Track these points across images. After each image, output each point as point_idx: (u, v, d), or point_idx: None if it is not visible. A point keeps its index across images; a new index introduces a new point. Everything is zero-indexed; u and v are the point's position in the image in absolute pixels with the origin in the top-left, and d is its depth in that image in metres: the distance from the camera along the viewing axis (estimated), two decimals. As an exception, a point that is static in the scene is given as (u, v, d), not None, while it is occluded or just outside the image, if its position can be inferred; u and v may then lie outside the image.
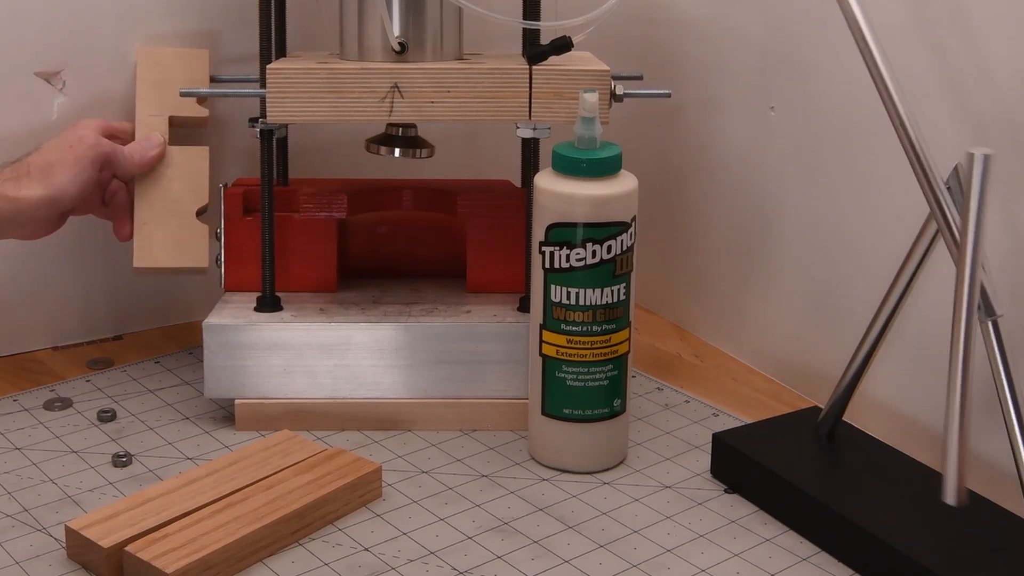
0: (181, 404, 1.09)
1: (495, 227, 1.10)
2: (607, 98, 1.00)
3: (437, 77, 1.01)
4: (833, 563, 0.87)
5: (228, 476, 0.92)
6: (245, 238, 1.08)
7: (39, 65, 1.14)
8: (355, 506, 0.93)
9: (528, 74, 1.01)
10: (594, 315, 0.95)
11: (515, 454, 1.02)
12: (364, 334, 1.04)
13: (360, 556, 0.87)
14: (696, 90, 1.22)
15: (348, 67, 1.02)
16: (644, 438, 1.04)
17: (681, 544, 0.89)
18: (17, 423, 1.05)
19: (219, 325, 1.04)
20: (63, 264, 1.20)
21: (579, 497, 0.95)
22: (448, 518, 0.92)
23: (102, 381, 1.13)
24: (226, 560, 0.84)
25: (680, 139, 1.26)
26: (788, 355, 1.17)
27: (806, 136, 1.12)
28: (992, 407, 0.87)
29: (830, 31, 1.07)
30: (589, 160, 0.94)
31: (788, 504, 0.91)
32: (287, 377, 1.04)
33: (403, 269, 1.16)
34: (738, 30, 1.18)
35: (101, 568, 0.83)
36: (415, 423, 1.05)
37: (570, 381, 0.97)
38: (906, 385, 1.05)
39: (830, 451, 0.96)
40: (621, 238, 0.95)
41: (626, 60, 1.11)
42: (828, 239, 1.11)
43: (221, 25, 1.20)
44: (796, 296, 1.16)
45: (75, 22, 1.15)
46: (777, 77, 1.14)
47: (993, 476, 0.95)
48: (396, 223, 1.16)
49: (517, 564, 0.87)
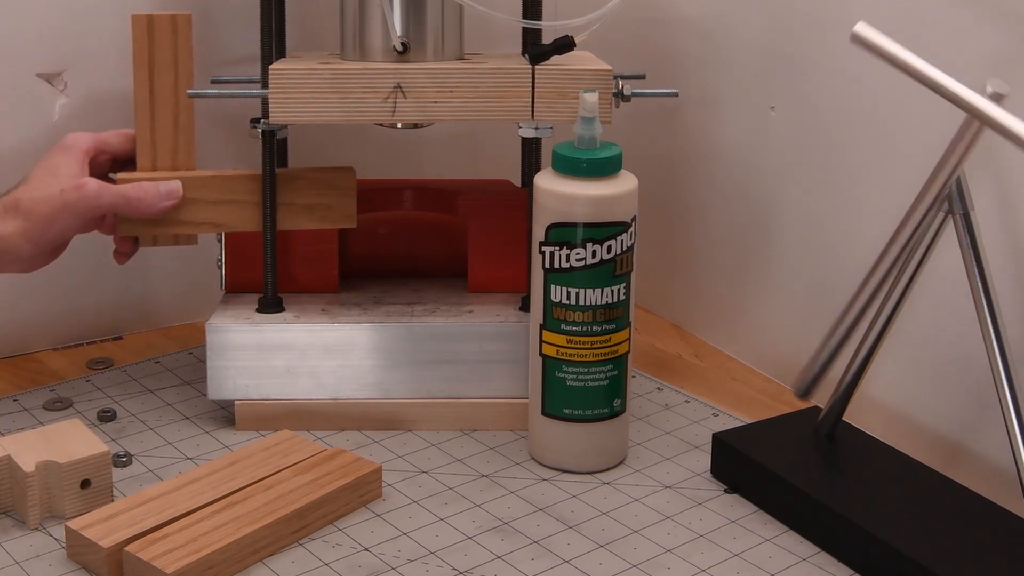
0: (181, 404, 1.09)
1: (496, 227, 1.10)
2: (608, 98, 1.00)
3: (440, 77, 1.01)
4: (833, 563, 0.87)
5: (228, 476, 0.92)
6: (246, 239, 1.08)
7: (41, 66, 1.14)
8: (355, 506, 0.93)
9: (531, 74, 1.01)
10: (594, 315, 0.95)
11: (515, 454, 1.02)
12: (366, 334, 1.04)
13: (360, 556, 0.87)
14: (696, 90, 1.22)
15: (351, 67, 1.02)
16: (644, 438, 1.04)
17: (681, 544, 0.89)
18: (17, 423, 1.05)
19: (222, 326, 1.04)
20: (63, 264, 1.20)
21: (579, 497, 0.95)
22: (448, 518, 0.92)
23: (102, 381, 1.13)
24: (226, 560, 0.84)
25: (680, 139, 1.26)
26: (788, 355, 1.17)
27: (806, 136, 1.12)
28: (992, 407, 0.87)
29: (830, 31, 1.07)
30: (589, 160, 0.94)
31: (788, 504, 0.91)
32: (290, 378, 1.04)
33: (404, 269, 1.16)
34: (738, 30, 1.18)
35: (101, 568, 0.83)
36: (415, 423, 1.05)
37: (570, 381, 0.97)
38: (906, 385, 1.05)
39: (830, 451, 0.96)
40: (621, 238, 0.95)
41: (626, 60, 1.11)
42: (828, 239, 1.11)
43: (221, 25, 1.20)
44: (796, 296, 1.16)
45: (77, 23, 1.15)
46: (777, 77, 1.14)
47: (993, 476, 0.95)
48: (397, 223, 1.16)
49: (517, 564, 0.87)
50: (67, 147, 1.03)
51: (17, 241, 1.00)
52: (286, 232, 1.08)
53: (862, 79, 1.05)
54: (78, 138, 1.03)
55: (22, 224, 0.99)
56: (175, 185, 1.03)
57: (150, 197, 1.02)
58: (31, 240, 1.00)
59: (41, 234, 1.00)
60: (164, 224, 1.04)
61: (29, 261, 1.02)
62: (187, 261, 1.24)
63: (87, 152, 1.03)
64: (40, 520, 0.90)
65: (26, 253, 1.01)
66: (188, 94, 1.04)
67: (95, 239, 1.19)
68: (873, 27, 0.83)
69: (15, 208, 1.00)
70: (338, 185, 1.07)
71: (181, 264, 1.25)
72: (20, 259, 1.01)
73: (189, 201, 1.04)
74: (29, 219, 0.99)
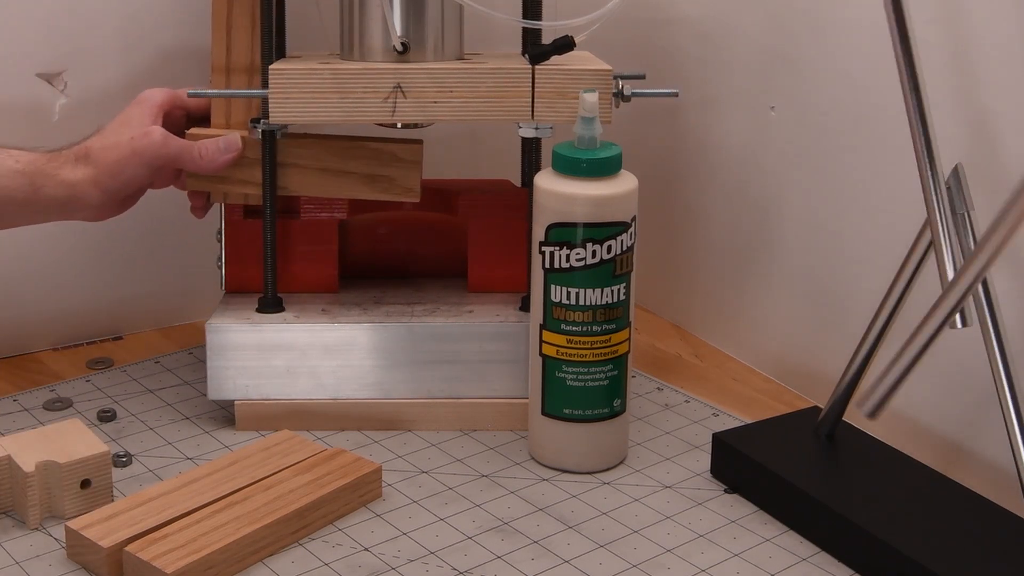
0: (181, 404, 1.09)
1: (496, 227, 1.10)
2: (608, 98, 1.00)
3: (440, 77, 1.01)
4: (833, 563, 0.87)
5: (228, 476, 0.92)
6: (246, 239, 1.08)
7: (41, 66, 1.14)
8: (355, 506, 0.93)
9: (531, 74, 1.01)
10: (594, 315, 0.95)
11: (515, 454, 1.02)
12: (366, 334, 1.04)
13: (360, 556, 0.87)
14: (696, 90, 1.22)
15: (351, 67, 1.02)
16: (644, 438, 1.04)
17: (681, 544, 0.89)
18: (17, 423, 1.05)
19: (222, 326, 1.04)
20: (64, 264, 1.20)
21: (579, 497, 0.95)
22: (448, 518, 0.92)
23: (102, 381, 1.13)
24: (226, 560, 0.84)
25: (680, 139, 1.26)
26: (788, 355, 1.17)
27: (806, 136, 1.12)
28: (992, 407, 0.87)
29: (830, 31, 1.07)
30: (589, 160, 0.94)
31: (788, 504, 0.91)
32: (290, 378, 1.04)
33: (404, 269, 1.16)
34: (738, 30, 1.18)
35: (101, 568, 0.83)
36: (415, 423, 1.05)
37: (570, 381, 0.97)
38: (906, 385, 1.04)
39: (830, 451, 0.96)
40: (621, 238, 0.95)
41: (626, 59, 1.11)
42: (828, 239, 1.11)
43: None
44: (796, 296, 1.16)
45: (77, 23, 1.15)
46: (777, 77, 1.14)
47: (993, 476, 0.95)
48: (397, 223, 1.16)
49: (517, 564, 0.87)
50: (141, 100, 1.05)
51: (87, 188, 1.02)
52: (286, 232, 1.08)
53: (862, 79, 1.05)
54: (153, 93, 1.05)
55: (92, 171, 1.02)
56: (234, 137, 1.05)
57: (211, 151, 1.04)
58: (100, 187, 1.02)
59: (110, 181, 1.02)
60: (231, 182, 1.06)
61: (98, 209, 1.04)
62: (187, 261, 1.24)
63: (161, 106, 1.05)
64: (40, 520, 0.90)
65: (95, 200, 1.02)
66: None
67: (96, 239, 1.19)
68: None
69: (85, 156, 1.02)
70: (403, 157, 1.07)
71: (181, 264, 1.25)
72: (89, 206, 1.03)
73: (256, 162, 1.05)
74: (98, 166, 1.01)
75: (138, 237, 1.22)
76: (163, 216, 1.21)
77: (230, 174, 1.05)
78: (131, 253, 1.23)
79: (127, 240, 1.22)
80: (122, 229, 1.19)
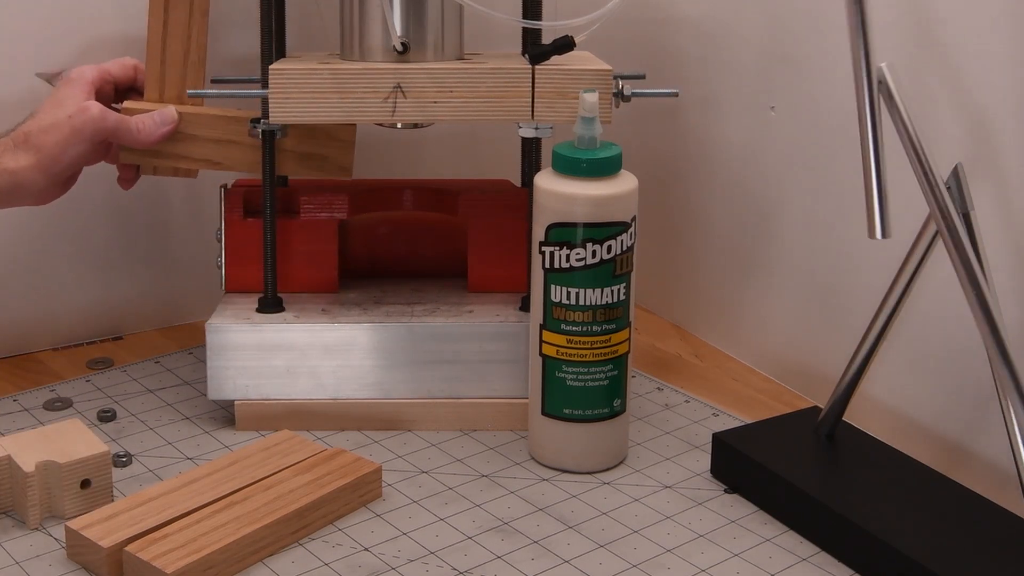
0: (181, 404, 1.09)
1: (496, 227, 1.10)
2: (608, 98, 1.00)
3: (440, 77, 1.01)
4: (833, 563, 0.87)
5: (228, 476, 0.92)
6: (246, 239, 1.08)
7: (40, 66, 1.14)
8: (355, 506, 0.93)
9: (531, 74, 1.01)
10: (594, 315, 0.95)
11: (515, 454, 1.02)
12: (366, 334, 1.04)
13: (360, 556, 0.87)
14: (696, 90, 1.22)
15: (351, 67, 1.02)
16: (644, 438, 1.04)
17: (681, 544, 0.89)
18: (17, 423, 1.05)
19: (222, 326, 1.04)
20: (63, 264, 1.20)
21: (579, 497, 0.95)
22: (448, 518, 0.92)
23: (102, 381, 1.13)
24: (226, 560, 0.84)
25: (680, 139, 1.26)
26: (788, 355, 1.17)
27: (806, 136, 1.12)
28: (992, 407, 0.87)
29: (831, 31, 1.07)
30: (589, 160, 0.94)
31: (788, 504, 0.91)
32: (290, 378, 1.04)
33: (404, 269, 1.16)
34: (738, 30, 1.18)
35: (101, 568, 0.83)
36: (415, 423, 1.05)
37: (570, 381, 0.97)
38: (906, 385, 1.05)
39: (830, 451, 0.96)
40: (621, 238, 0.95)
41: (626, 59, 1.11)
42: (828, 239, 1.11)
43: (221, 25, 1.20)
44: (796, 296, 1.16)
45: (77, 23, 1.15)
46: (777, 77, 1.14)
47: (993, 476, 0.95)
48: (397, 223, 1.16)
49: (517, 564, 0.87)
50: (72, 80, 1.04)
51: (30, 174, 1.01)
52: (286, 232, 1.08)
53: (862, 79, 1.05)
54: (83, 71, 1.05)
55: (33, 157, 1.01)
56: (169, 110, 1.05)
57: (148, 125, 1.04)
58: (43, 171, 1.02)
59: (52, 164, 1.02)
60: (164, 156, 1.06)
61: (42, 193, 1.04)
62: (187, 261, 1.24)
63: (92, 83, 1.04)
64: (40, 520, 0.90)
65: (39, 185, 1.02)
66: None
67: (96, 239, 1.19)
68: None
69: (25, 141, 1.01)
70: (337, 136, 1.07)
71: (181, 264, 1.25)
72: (32, 193, 1.03)
73: (190, 137, 1.06)
74: (40, 151, 1.01)
75: (138, 237, 1.22)
76: (163, 216, 1.21)
77: (163, 148, 1.06)
78: (131, 253, 1.23)
79: (127, 240, 1.22)
80: (122, 230, 1.19)
